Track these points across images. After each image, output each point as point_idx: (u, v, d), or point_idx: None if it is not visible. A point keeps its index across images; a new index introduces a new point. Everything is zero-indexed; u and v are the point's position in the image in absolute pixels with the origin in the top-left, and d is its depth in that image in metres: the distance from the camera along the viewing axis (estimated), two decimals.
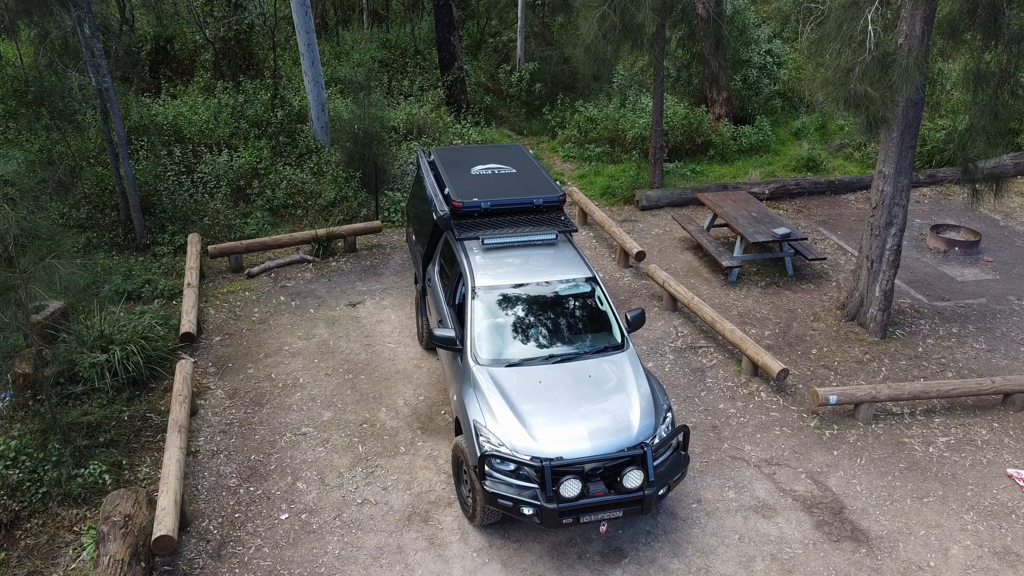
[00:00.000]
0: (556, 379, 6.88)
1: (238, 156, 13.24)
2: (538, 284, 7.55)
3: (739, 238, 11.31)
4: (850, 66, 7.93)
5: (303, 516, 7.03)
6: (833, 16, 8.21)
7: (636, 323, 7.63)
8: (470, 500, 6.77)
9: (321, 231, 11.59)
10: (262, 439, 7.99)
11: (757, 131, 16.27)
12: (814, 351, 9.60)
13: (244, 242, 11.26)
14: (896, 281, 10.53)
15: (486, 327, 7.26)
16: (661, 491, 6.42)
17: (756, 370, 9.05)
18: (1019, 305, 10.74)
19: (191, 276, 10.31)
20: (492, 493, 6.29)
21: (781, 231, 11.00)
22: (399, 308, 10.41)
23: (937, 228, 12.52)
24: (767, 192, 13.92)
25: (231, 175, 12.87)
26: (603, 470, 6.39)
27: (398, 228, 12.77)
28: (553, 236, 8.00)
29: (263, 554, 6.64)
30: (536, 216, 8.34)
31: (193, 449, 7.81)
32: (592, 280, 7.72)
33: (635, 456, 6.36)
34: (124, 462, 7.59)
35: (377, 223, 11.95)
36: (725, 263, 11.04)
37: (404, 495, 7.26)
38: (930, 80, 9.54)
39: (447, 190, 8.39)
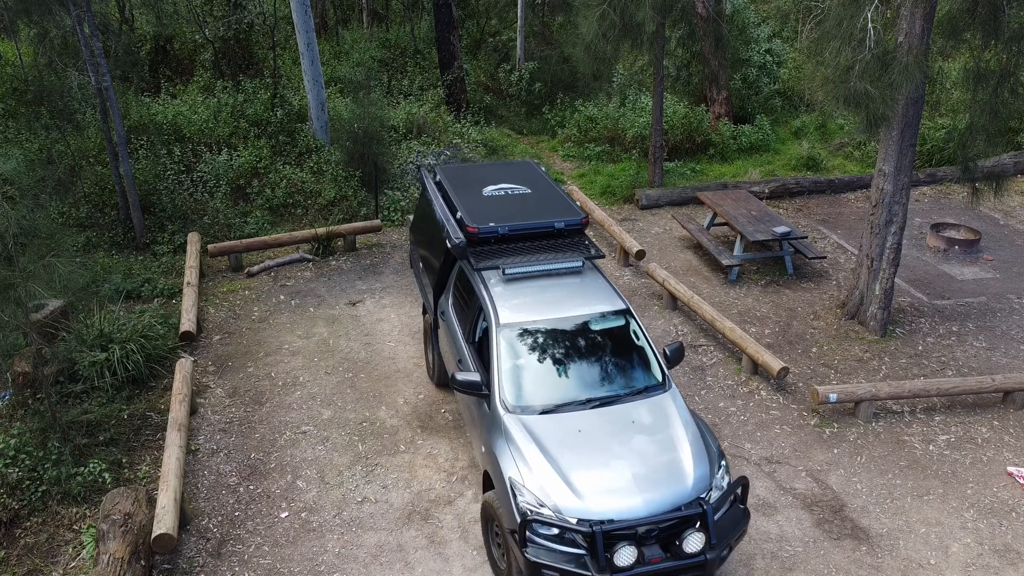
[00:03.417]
0: (597, 427, 6.20)
1: (238, 155, 13.24)
2: (568, 318, 6.86)
3: (739, 237, 11.31)
4: (850, 64, 7.93)
5: (303, 514, 7.03)
6: (833, 14, 8.20)
7: (675, 358, 7.00)
8: (504, 565, 6.14)
9: (321, 230, 11.59)
10: (262, 437, 7.99)
11: (757, 130, 16.27)
12: (814, 349, 9.60)
13: (244, 241, 11.26)
14: (896, 279, 10.53)
15: (514, 369, 6.57)
16: (724, 553, 5.84)
17: (756, 368, 9.04)
18: (1019, 303, 10.74)
19: (191, 275, 10.31)
20: (535, 563, 5.56)
21: (781, 230, 11.00)
22: (399, 307, 10.41)
23: (937, 227, 12.52)
24: (767, 191, 13.92)
25: (231, 174, 12.87)
26: (658, 531, 5.79)
27: (398, 227, 12.77)
28: (579, 263, 7.34)
29: (263, 552, 6.64)
30: (557, 241, 7.67)
31: (193, 448, 7.81)
32: (626, 312, 7.05)
33: (693, 515, 5.72)
34: (124, 460, 7.58)
35: (377, 222, 11.95)
36: (725, 262, 11.04)
37: (404, 493, 7.26)
38: (930, 79, 9.53)
39: (459, 214, 7.67)
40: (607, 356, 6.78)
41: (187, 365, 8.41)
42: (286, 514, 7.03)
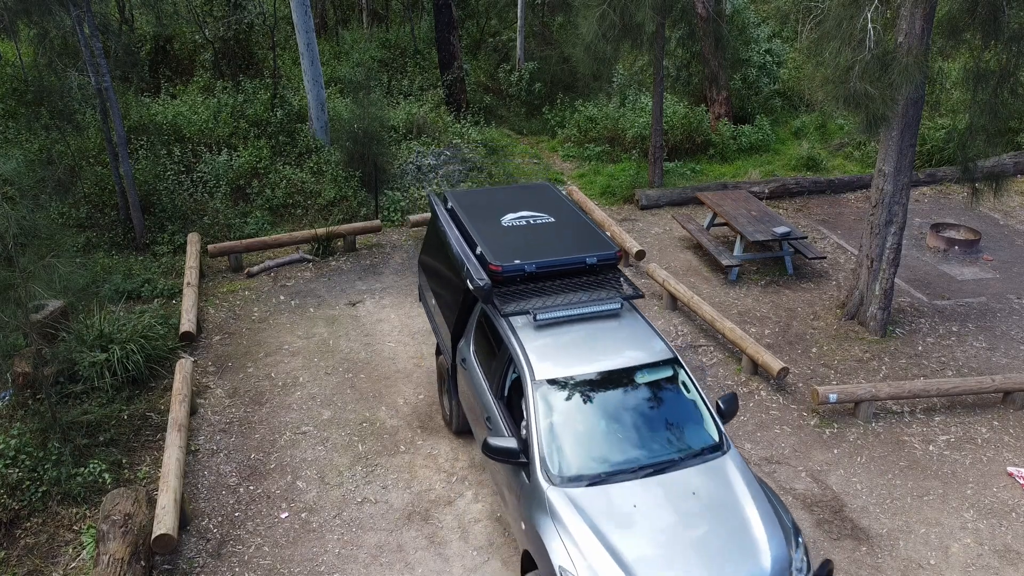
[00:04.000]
0: (654, 500, 5.45)
1: (238, 156, 13.24)
2: (611, 371, 6.11)
3: (739, 237, 11.31)
4: (850, 65, 7.93)
5: (303, 515, 7.03)
6: (833, 15, 8.21)
7: (730, 411, 6.24)
8: None
9: (321, 230, 11.59)
10: (262, 438, 7.99)
11: (757, 130, 16.28)
12: (814, 350, 9.60)
13: (244, 241, 11.27)
14: (896, 280, 10.52)
15: (556, 433, 5.81)
16: None
17: (756, 369, 9.04)
18: (1019, 304, 10.74)
19: (191, 275, 10.31)
20: None
21: (781, 230, 11.00)
22: (399, 307, 10.41)
23: (937, 227, 12.52)
24: (767, 191, 13.92)
25: (231, 175, 12.87)
26: None
27: (398, 227, 12.77)
28: (618, 305, 6.60)
29: (263, 553, 6.64)
30: (589, 278, 6.88)
31: (193, 448, 7.81)
32: (674, 362, 6.31)
33: None
34: (124, 461, 7.58)
35: (377, 222, 11.95)
36: (725, 262, 11.04)
37: (404, 494, 7.26)
38: (930, 79, 9.53)
39: (479, 249, 6.88)
40: (657, 414, 6.03)
41: (187, 365, 8.41)
42: (286, 514, 7.03)
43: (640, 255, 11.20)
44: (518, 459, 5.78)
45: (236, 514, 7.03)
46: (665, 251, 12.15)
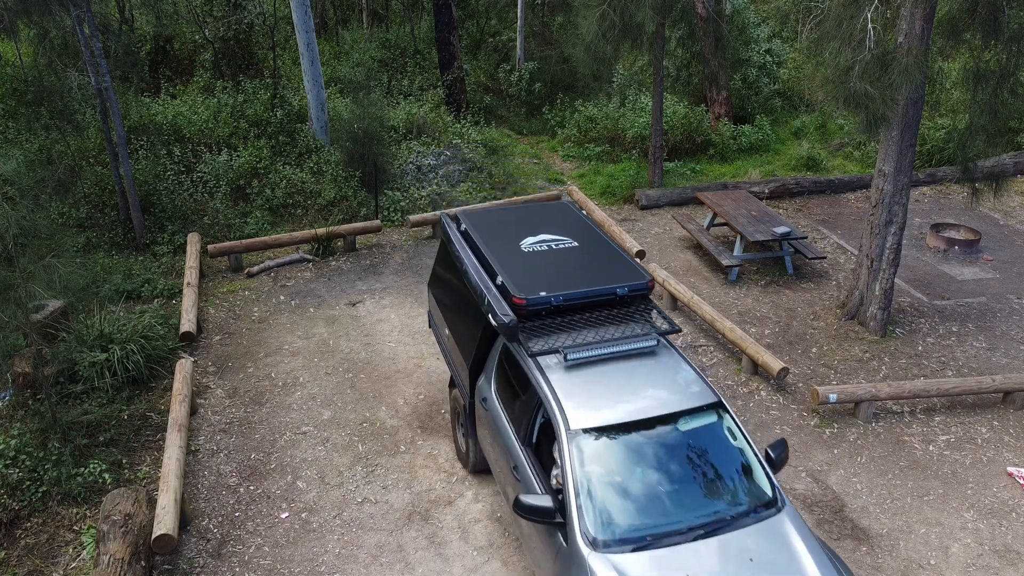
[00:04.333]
0: (707, 568, 4.88)
1: (238, 156, 13.25)
2: (653, 418, 5.52)
3: (739, 237, 11.31)
4: (850, 65, 7.93)
5: (303, 515, 7.03)
6: (833, 15, 8.21)
7: (781, 461, 5.67)
8: None
9: (321, 230, 11.60)
10: (262, 438, 7.99)
11: (757, 130, 16.28)
12: (814, 350, 9.60)
13: (244, 241, 11.27)
14: (896, 280, 10.53)
15: (595, 491, 5.22)
16: None
17: (756, 369, 9.04)
18: (1019, 304, 10.74)
19: (191, 275, 10.31)
20: None
21: (781, 230, 11.00)
22: (399, 307, 10.41)
23: (937, 227, 12.53)
24: (767, 191, 13.93)
25: (231, 175, 12.87)
26: None
27: (398, 227, 12.77)
28: (654, 343, 6.05)
29: (263, 553, 6.64)
30: (620, 311, 6.36)
31: (193, 448, 7.81)
32: (719, 405, 5.75)
33: None
34: (124, 461, 7.59)
35: (377, 222, 11.95)
36: (725, 262, 11.04)
37: (404, 494, 7.26)
38: (930, 79, 9.53)
39: (500, 279, 6.33)
40: (704, 465, 5.46)
41: (187, 365, 8.41)
42: (286, 515, 7.03)
43: (640, 255, 11.21)
44: (554, 519, 5.19)
45: (236, 514, 7.03)
46: (665, 251, 12.15)
